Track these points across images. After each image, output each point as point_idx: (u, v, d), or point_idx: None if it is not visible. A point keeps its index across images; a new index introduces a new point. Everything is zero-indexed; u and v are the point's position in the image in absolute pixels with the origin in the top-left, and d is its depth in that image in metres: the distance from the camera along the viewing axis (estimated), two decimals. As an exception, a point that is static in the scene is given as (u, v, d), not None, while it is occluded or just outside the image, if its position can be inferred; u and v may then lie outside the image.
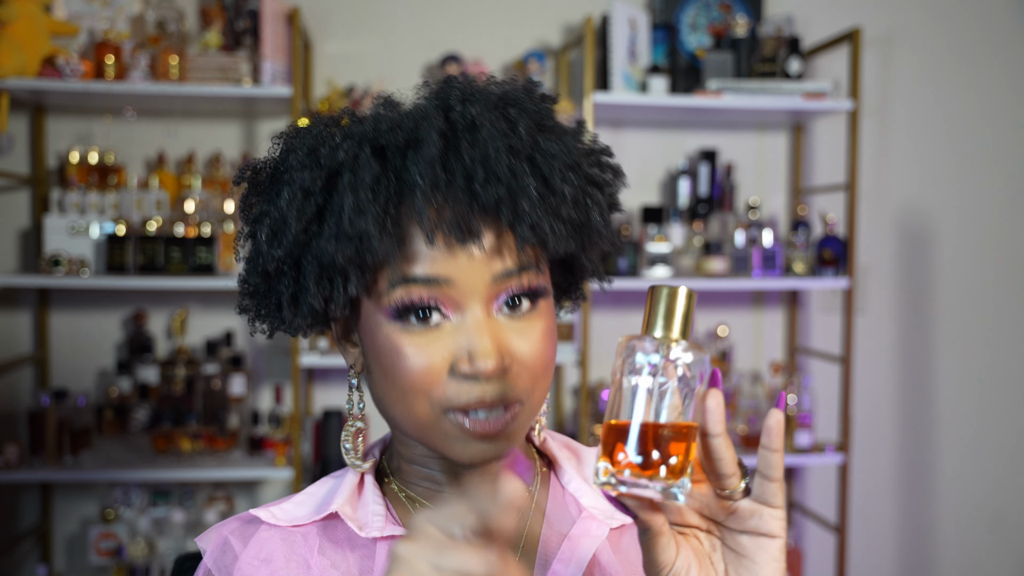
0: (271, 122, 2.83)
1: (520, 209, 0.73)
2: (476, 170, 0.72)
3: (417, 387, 0.75)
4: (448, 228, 0.73)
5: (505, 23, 2.91)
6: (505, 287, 0.76)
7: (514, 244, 0.75)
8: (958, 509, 3.18)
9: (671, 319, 0.63)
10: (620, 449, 0.61)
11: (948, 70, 3.13)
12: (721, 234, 2.81)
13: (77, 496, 2.76)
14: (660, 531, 0.64)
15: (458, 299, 0.75)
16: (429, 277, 0.74)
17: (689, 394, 0.62)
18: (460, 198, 0.73)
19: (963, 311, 3.16)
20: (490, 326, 0.75)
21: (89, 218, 2.54)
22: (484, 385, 0.74)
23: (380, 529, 0.81)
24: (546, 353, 0.78)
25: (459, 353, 0.75)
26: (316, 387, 2.86)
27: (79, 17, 2.58)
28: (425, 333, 0.75)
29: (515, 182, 0.73)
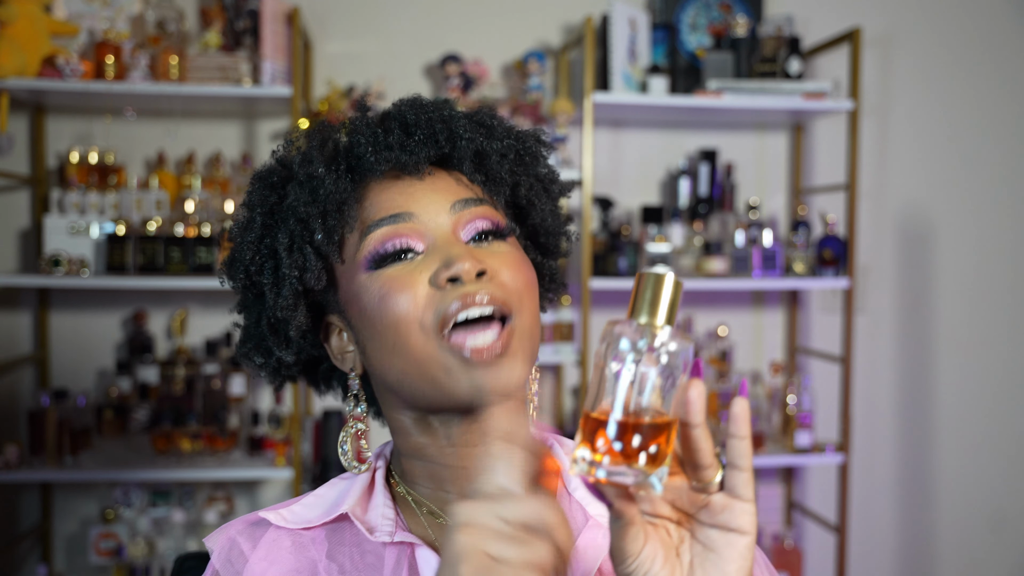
0: (271, 122, 2.83)
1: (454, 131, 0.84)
2: (408, 114, 0.84)
3: (406, 316, 0.78)
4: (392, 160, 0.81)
5: (505, 23, 2.91)
6: (467, 218, 0.82)
7: (463, 176, 0.84)
8: (958, 509, 3.18)
9: (656, 306, 0.61)
10: (600, 435, 0.60)
11: (948, 70, 3.13)
12: (721, 234, 2.81)
13: (77, 496, 2.76)
14: (632, 521, 0.64)
15: (423, 230, 0.81)
16: (392, 215, 0.81)
17: (672, 382, 0.61)
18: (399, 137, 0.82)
19: (963, 311, 3.16)
20: (460, 242, 0.81)
21: (89, 218, 2.54)
22: (468, 285, 0.77)
23: (390, 534, 0.81)
24: (525, 272, 0.82)
25: (436, 267, 0.78)
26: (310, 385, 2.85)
27: (79, 17, 2.58)
28: (401, 268, 0.80)
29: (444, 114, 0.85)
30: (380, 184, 0.83)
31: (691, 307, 3.01)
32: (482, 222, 0.82)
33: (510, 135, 0.87)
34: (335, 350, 0.88)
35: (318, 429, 2.68)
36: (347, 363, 0.87)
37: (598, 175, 2.87)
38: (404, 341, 0.78)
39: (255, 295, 0.88)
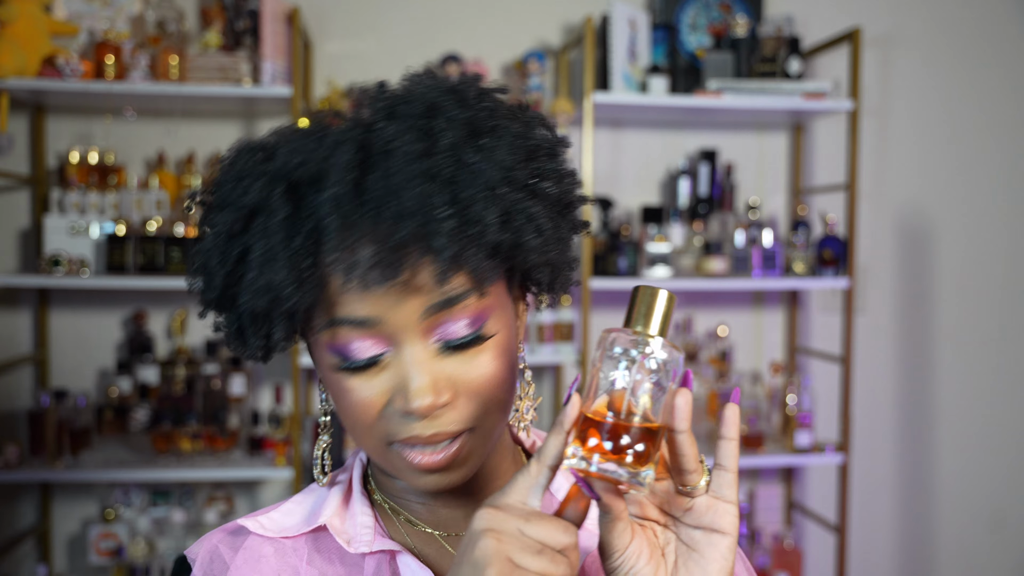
0: (271, 122, 2.83)
1: (432, 243, 0.68)
2: (387, 203, 0.68)
3: (361, 424, 0.75)
4: (365, 269, 0.69)
5: (505, 23, 2.91)
6: (440, 320, 0.72)
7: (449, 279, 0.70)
8: (958, 509, 3.18)
9: (650, 317, 0.66)
10: (592, 435, 0.64)
11: (948, 70, 3.13)
12: (721, 234, 2.81)
13: (77, 496, 2.76)
14: (619, 516, 0.66)
15: (391, 336, 0.72)
16: (356, 319, 0.71)
17: (661, 390, 0.65)
18: (372, 236, 0.68)
19: (963, 311, 3.16)
20: (428, 360, 0.72)
21: (89, 218, 2.54)
22: (420, 423, 0.73)
23: (368, 544, 0.80)
24: (498, 375, 0.75)
25: (395, 390, 0.73)
26: (316, 387, 2.85)
27: (79, 17, 2.58)
28: (363, 373, 0.74)
29: (428, 214, 0.68)
30: None
31: (691, 307, 3.01)
32: (454, 326, 0.72)
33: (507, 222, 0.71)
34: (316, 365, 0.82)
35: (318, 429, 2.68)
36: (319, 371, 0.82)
37: (598, 175, 2.87)
38: (359, 434, 0.77)
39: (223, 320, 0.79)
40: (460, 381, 0.73)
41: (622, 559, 0.67)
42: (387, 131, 0.70)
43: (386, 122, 0.71)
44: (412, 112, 0.71)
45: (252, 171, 0.73)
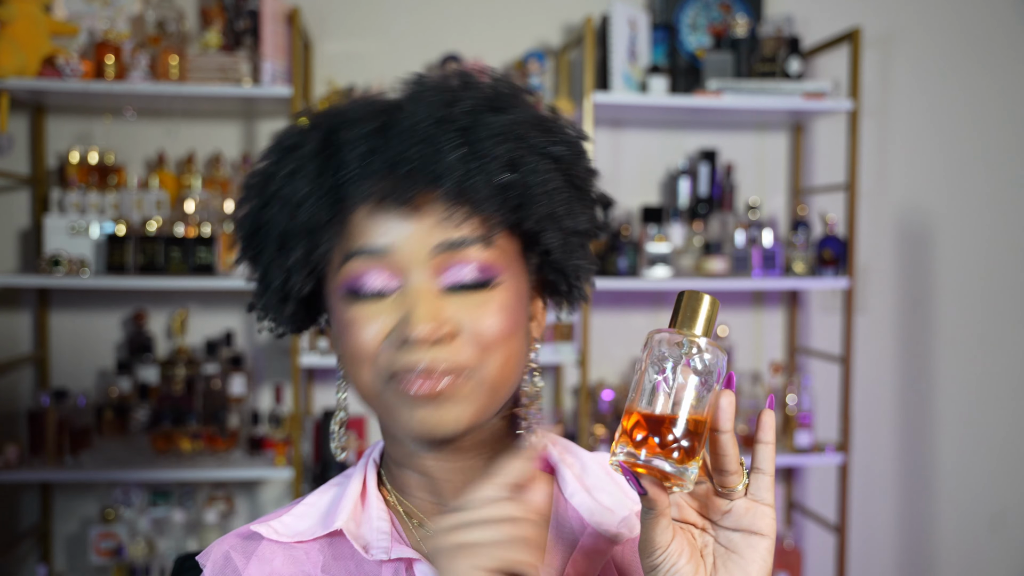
0: (271, 122, 2.83)
1: (440, 167, 0.74)
2: (403, 135, 0.75)
3: (362, 356, 0.77)
4: (380, 191, 0.75)
5: (505, 23, 2.91)
6: (451, 262, 0.76)
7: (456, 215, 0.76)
8: (958, 509, 3.18)
9: (695, 319, 0.68)
10: (639, 431, 0.66)
11: (948, 70, 3.13)
12: (721, 234, 2.81)
13: (77, 496, 2.76)
14: (663, 513, 0.67)
15: (401, 268, 0.77)
16: (370, 248, 0.77)
17: (706, 389, 0.67)
18: (391, 162, 0.75)
19: (963, 311, 3.16)
20: (433, 295, 0.76)
21: (89, 218, 2.54)
22: (419, 352, 0.75)
23: (386, 551, 0.79)
24: (500, 322, 0.77)
25: (401, 320, 0.76)
26: (316, 387, 2.86)
27: (79, 17, 2.58)
28: (372, 305, 0.77)
29: (439, 142, 0.75)
30: (366, 205, 0.77)
31: (691, 307, 3.00)
32: (463, 270, 0.76)
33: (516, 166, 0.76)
34: (332, 331, 0.86)
35: (318, 429, 2.68)
36: (337, 348, 0.85)
37: (598, 175, 2.87)
38: (356, 375, 0.79)
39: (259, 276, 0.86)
40: (462, 323, 0.76)
41: (663, 556, 0.68)
42: (421, 92, 0.79)
43: (420, 87, 0.80)
44: (446, 84, 0.80)
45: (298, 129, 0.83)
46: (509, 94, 0.80)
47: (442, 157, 0.74)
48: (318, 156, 0.78)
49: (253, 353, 2.82)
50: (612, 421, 2.72)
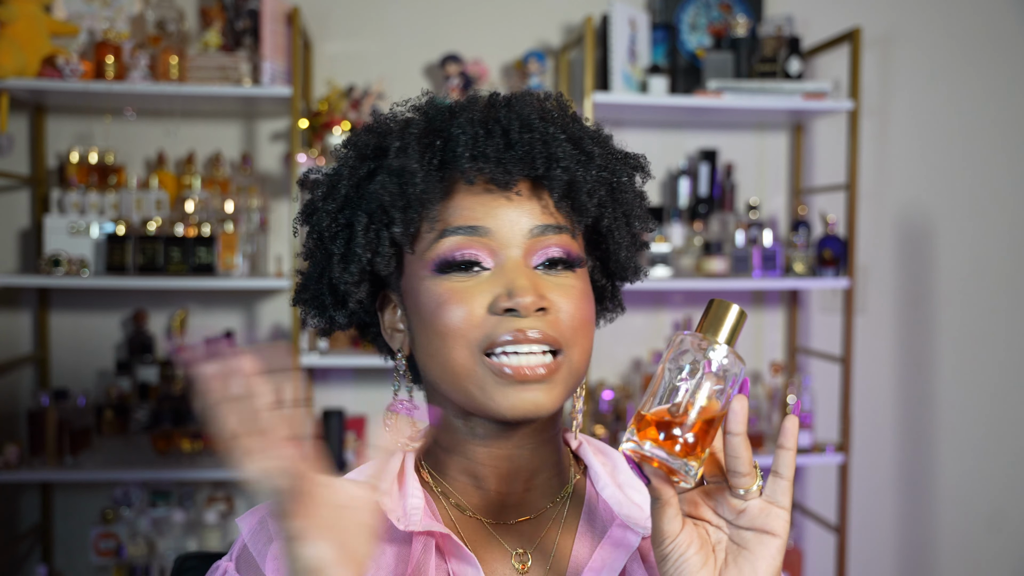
0: (271, 122, 2.83)
1: (553, 155, 0.80)
2: (512, 124, 0.81)
3: (457, 330, 0.79)
4: (486, 173, 0.80)
5: (505, 23, 2.91)
6: (542, 244, 0.81)
7: (551, 200, 0.82)
8: (958, 509, 3.18)
9: (719, 327, 0.71)
10: (649, 423, 0.68)
11: (948, 70, 3.13)
12: (721, 234, 2.81)
13: (77, 496, 2.76)
14: (668, 502, 0.70)
15: (496, 248, 0.80)
16: (469, 226, 0.80)
17: (720, 393, 0.69)
18: (498, 148, 0.80)
19: (963, 311, 3.16)
20: (528, 272, 0.80)
21: (89, 218, 2.54)
22: (523, 320, 0.78)
23: (418, 524, 0.81)
24: (584, 309, 0.82)
25: (498, 292, 0.78)
26: (316, 387, 2.86)
27: (79, 17, 2.58)
28: (466, 280, 0.80)
29: (548, 134, 0.81)
30: (468, 188, 0.82)
31: (691, 307, 3.01)
32: (555, 250, 0.81)
33: (607, 166, 0.85)
34: (387, 324, 0.89)
35: (318, 429, 2.68)
36: (396, 342, 0.88)
37: (598, 175, 2.87)
38: (448, 352, 0.79)
39: (323, 254, 0.87)
40: (554, 297, 0.80)
41: (673, 546, 0.70)
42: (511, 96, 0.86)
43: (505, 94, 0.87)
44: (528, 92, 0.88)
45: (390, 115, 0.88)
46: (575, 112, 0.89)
47: (553, 148, 0.81)
48: (424, 137, 0.82)
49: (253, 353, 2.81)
50: (612, 421, 2.72)
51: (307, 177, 0.90)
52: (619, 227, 0.87)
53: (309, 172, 0.90)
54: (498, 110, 0.84)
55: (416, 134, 0.82)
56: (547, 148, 0.81)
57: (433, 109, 0.85)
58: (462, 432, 0.85)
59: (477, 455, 0.85)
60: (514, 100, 0.85)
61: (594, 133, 0.87)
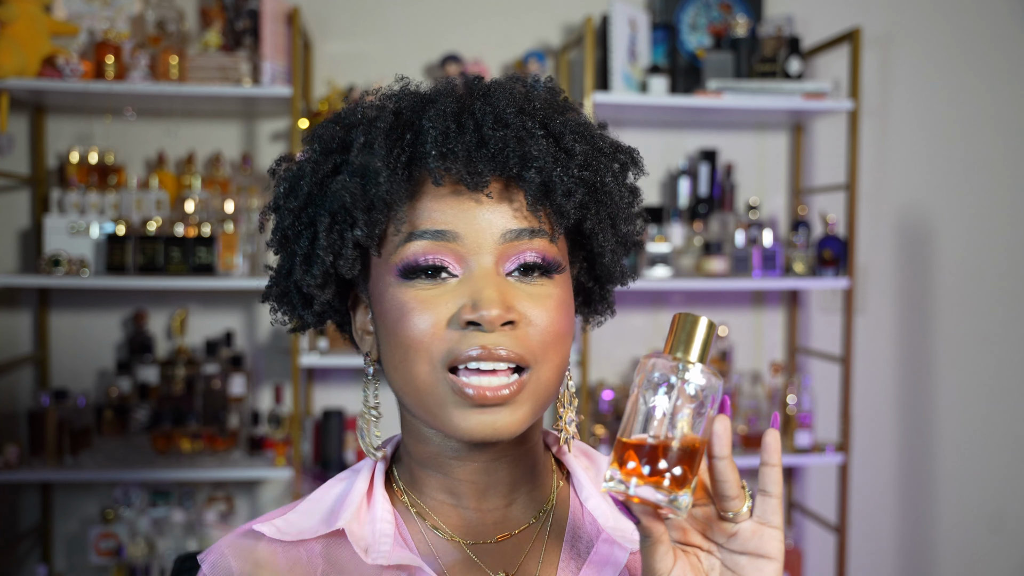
0: (271, 122, 2.83)
1: (528, 154, 0.74)
2: (486, 119, 0.75)
3: (419, 343, 0.73)
4: (454, 172, 0.73)
5: (505, 23, 2.91)
6: (516, 250, 0.75)
7: (524, 202, 0.75)
8: (958, 509, 3.18)
9: (691, 344, 0.67)
10: (631, 458, 0.64)
11: (948, 70, 3.13)
12: (721, 234, 2.81)
13: (77, 496, 2.76)
14: (659, 539, 0.66)
15: (465, 254, 0.74)
16: (437, 230, 0.74)
17: (700, 415, 0.65)
18: (469, 146, 0.74)
19: (963, 311, 3.16)
20: (498, 281, 0.74)
21: (89, 218, 2.54)
22: (489, 335, 0.72)
23: (387, 556, 0.77)
24: (558, 320, 0.75)
25: (463, 303, 0.73)
26: (316, 387, 2.86)
27: (79, 17, 2.58)
28: (431, 288, 0.74)
29: (523, 131, 0.75)
30: (436, 188, 0.76)
31: (691, 307, 3.01)
32: (530, 255, 0.75)
33: (589, 164, 0.78)
34: (358, 325, 0.84)
35: (318, 429, 2.68)
36: (365, 344, 0.83)
37: (598, 175, 2.87)
38: (410, 366, 0.74)
39: (287, 252, 0.82)
40: (525, 309, 0.74)
41: None
42: (492, 85, 0.79)
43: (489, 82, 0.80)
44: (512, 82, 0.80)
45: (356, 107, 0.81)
46: (566, 98, 0.82)
47: (528, 146, 0.74)
48: (392, 132, 0.76)
49: (253, 353, 2.82)
50: (612, 421, 2.72)
51: (276, 168, 0.84)
52: (603, 229, 0.80)
53: (278, 162, 0.84)
54: (474, 101, 0.77)
55: (383, 128, 0.76)
56: (521, 146, 0.74)
57: (406, 98, 0.79)
58: (436, 444, 0.80)
59: (453, 470, 0.80)
60: (493, 89, 0.78)
61: (579, 127, 0.79)
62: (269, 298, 0.86)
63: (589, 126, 0.81)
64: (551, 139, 0.76)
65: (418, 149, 0.75)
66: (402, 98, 0.79)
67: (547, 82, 0.83)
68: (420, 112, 0.77)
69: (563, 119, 0.78)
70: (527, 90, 0.79)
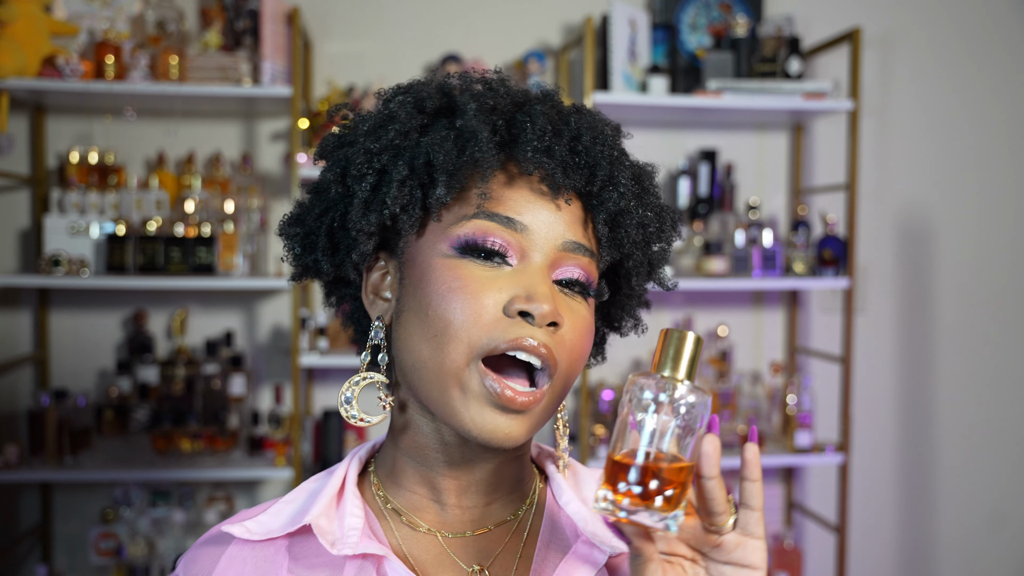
0: (271, 122, 2.83)
1: (615, 177, 0.78)
2: (583, 131, 0.78)
3: (461, 327, 0.73)
4: (546, 169, 0.76)
5: (505, 23, 2.91)
6: (568, 260, 0.77)
7: (592, 225, 0.79)
8: (958, 509, 3.18)
9: (678, 361, 0.67)
10: (621, 479, 0.65)
11: (948, 70, 3.13)
12: (721, 234, 2.81)
13: (77, 496, 2.76)
14: (650, 558, 0.68)
15: (527, 249, 0.76)
16: (509, 217, 0.75)
17: (689, 433, 0.66)
18: (563, 150, 0.77)
19: (963, 311, 3.16)
20: (548, 281, 0.76)
21: (89, 218, 2.54)
22: (535, 329, 0.73)
23: (353, 546, 0.76)
24: (585, 341, 0.78)
25: (516, 293, 0.74)
26: (316, 387, 2.86)
27: (79, 17, 2.58)
28: (485, 269, 0.75)
29: (616, 152, 0.80)
30: (520, 178, 0.77)
31: (691, 307, 3.01)
32: (578, 271, 0.77)
33: (654, 207, 0.83)
34: (371, 287, 0.83)
35: (318, 429, 2.68)
36: (377, 309, 0.82)
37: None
38: (445, 342, 0.73)
39: (339, 192, 0.80)
40: (565, 316, 0.76)
41: None
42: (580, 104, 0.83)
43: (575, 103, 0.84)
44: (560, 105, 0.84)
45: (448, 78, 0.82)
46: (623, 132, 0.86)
47: (617, 170, 0.79)
48: (496, 111, 0.78)
49: (253, 353, 2.82)
50: (612, 421, 2.72)
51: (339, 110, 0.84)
52: (639, 273, 0.84)
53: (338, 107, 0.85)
54: (568, 114, 0.79)
55: (491, 106, 0.77)
56: (611, 167, 0.78)
57: (503, 87, 0.80)
58: (426, 434, 0.79)
59: (438, 464, 0.80)
60: (584, 110, 0.81)
61: (649, 173, 0.85)
62: (288, 235, 0.84)
63: (653, 176, 0.86)
64: (633, 171, 0.81)
65: (512, 137, 0.77)
66: (501, 87, 0.80)
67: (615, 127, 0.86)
68: (518, 106, 0.79)
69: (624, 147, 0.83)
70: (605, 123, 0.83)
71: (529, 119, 0.76)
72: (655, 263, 0.85)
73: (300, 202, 0.85)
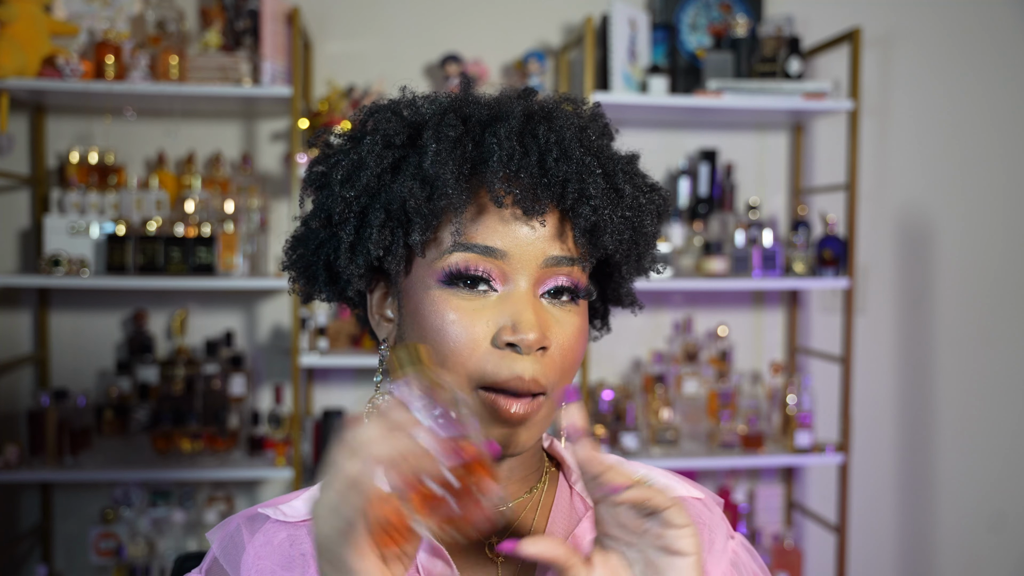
0: (271, 122, 2.83)
1: (586, 192, 0.79)
2: (551, 149, 0.78)
3: (456, 355, 0.77)
4: (516, 197, 0.77)
5: (505, 23, 2.91)
6: (554, 274, 0.79)
7: (571, 233, 0.80)
8: (958, 509, 3.18)
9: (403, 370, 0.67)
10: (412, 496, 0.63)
11: (948, 70, 3.13)
12: (721, 234, 2.81)
13: (77, 496, 2.76)
14: (567, 565, 0.69)
15: (509, 273, 0.78)
16: (486, 246, 0.78)
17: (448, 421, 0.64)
18: (532, 172, 0.77)
19: (963, 311, 3.16)
20: (535, 304, 0.79)
21: (89, 218, 2.54)
22: (524, 361, 0.76)
23: None
24: (577, 349, 0.81)
25: (503, 323, 0.77)
26: (316, 387, 2.86)
27: (79, 17, 2.58)
28: (472, 300, 0.78)
29: (583, 166, 0.79)
30: (490, 204, 0.79)
31: (691, 307, 3.01)
32: (564, 280, 0.80)
33: (634, 206, 0.83)
34: (375, 308, 0.87)
35: (318, 429, 2.68)
36: (383, 330, 0.86)
37: (598, 175, 2.87)
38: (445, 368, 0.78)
39: (328, 234, 0.84)
40: (554, 335, 0.79)
41: None
42: (547, 104, 0.83)
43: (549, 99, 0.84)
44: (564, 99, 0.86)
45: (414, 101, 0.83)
46: (607, 124, 0.87)
47: (587, 184, 0.79)
48: (460, 141, 0.78)
49: (253, 353, 2.82)
50: (612, 421, 2.72)
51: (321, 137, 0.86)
52: (630, 263, 0.87)
53: (319, 134, 0.86)
54: (537, 125, 0.80)
55: (453, 138, 0.78)
56: (581, 182, 0.79)
57: (469, 105, 0.81)
58: None
59: None
60: (555, 115, 0.81)
61: (628, 165, 0.84)
62: (288, 268, 0.89)
63: (634, 162, 0.86)
64: (606, 177, 0.81)
65: (480, 163, 0.78)
66: (465, 103, 0.81)
67: (594, 108, 0.87)
68: (485, 125, 0.80)
69: (613, 155, 0.83)
70: (580, 116, 0.84)
71: (496, 140, 0.77)
72: (644, 252, 0.87)
73: (295, 235, 0.89)
